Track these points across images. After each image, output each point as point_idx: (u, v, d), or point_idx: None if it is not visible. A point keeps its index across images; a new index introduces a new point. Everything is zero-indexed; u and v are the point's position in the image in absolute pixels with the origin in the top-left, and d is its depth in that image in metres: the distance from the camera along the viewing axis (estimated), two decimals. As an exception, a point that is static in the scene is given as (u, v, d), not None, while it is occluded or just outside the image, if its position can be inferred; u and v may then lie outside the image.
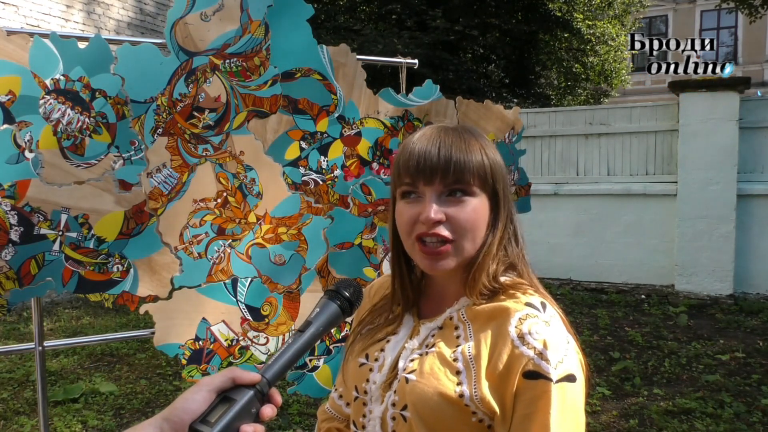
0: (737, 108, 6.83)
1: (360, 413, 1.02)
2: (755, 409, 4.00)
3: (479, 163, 0.95)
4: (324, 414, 1.21)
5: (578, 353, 0.93)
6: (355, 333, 1.11)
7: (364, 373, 1.03)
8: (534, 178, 7.51)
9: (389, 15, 13.39)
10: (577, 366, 0.90)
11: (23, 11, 7.35)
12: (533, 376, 0.87)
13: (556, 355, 0.88)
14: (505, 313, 0.93)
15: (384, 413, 0.97)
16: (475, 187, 0.95)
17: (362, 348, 1.06)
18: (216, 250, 2.01)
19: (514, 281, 0.98)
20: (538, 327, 0.90)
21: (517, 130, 2.64)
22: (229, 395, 0.79)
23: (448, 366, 0.93)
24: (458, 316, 0.98)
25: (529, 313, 0.92)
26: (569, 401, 0.88)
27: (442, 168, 0.93)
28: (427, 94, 2.31)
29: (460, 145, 0.95)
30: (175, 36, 1.90)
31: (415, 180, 0.96)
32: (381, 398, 0.98)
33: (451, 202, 0.95)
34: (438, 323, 1.00)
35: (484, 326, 0.94)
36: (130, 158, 1.88)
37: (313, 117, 2.11)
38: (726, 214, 6.87)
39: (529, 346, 0.88)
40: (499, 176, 0.98)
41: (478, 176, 0.95)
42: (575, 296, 7.25)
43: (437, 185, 0.94)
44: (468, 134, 0.98)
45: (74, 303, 7.31)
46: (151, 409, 4.13)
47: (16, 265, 1.77)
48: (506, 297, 0.96)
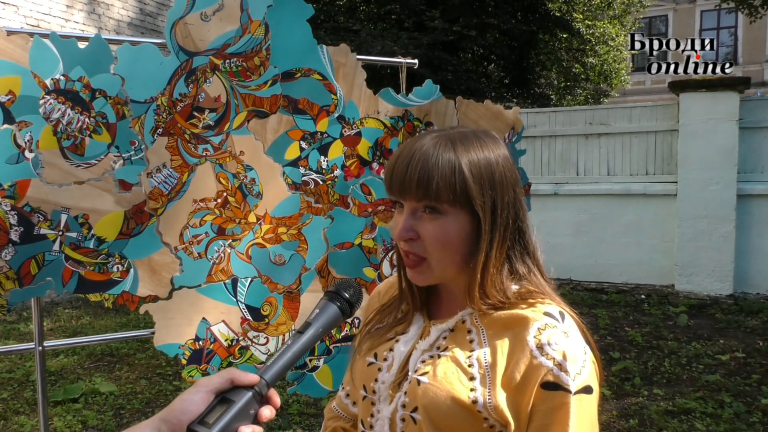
0: (737, 108, 6.83)
1: (368, 413, 1.02)
2: (755, 409, 4.00)
3: (448, 181, 0.90)
4: (330, 412, 1.20)
5: (594, 363, 0.92)
6: (363, 332, 1.10)
7: (372, 372, 1.02)
8: (534, 178, 7.52)
9: (388, 15, 13.39)
10: (593, 377, 0.90)
11: (23, 11, 7.35)
12: (552, 387, 0.87)
13: (575, 366, 0.88)
14: (524, 322, 0.92)
15: (393, 414, 0.96)
16: (446, 205, 0.91)
17: (371, 347, 1.05)
18: (216, 250, 2.01)
19: (527, 290, 0.96)
20: (558, 338, 0.89)
21: (517, 130, 2.64)
22: (227, 396, 0.79)
23: (462, 371, 0.92)
24: (471, 320, 0.97)
25: (548, 323, 0.91)
26: (586, 413, 0.87)
27: (407, 185, 0.92)
28: (427, 94, 2.30)
29: (431, 161, 0.90)
30: (175, 36, 1.90)
31: (392, 191, 0.96)
32: (390, 398, 0.98)
33: (425, 219, 0.93)
34: (449, 325, 0.98)
35: (501, 334, 0.93)
36: (130, 158, 1.88)
37: (313, 117, 2.10)
38: (726, 214, 6.87)
39: (548, 356, 0.88)
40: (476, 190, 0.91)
41: (446, 195, 0.90)
42: (575, 296, 7.25)
43: (409, 200, 0.93)
44: (450, 146, 0.92)
45: (74, 303, 7.31)
46: (151, 409, 4.13)
47: (16, 265, 1.77)
48: (525, 306, 0.94)
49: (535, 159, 7.95)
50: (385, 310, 1.09)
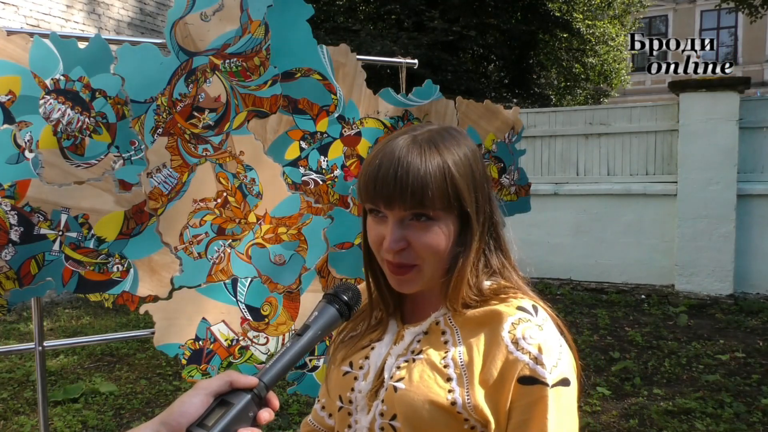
0: (737, 108, 6.83)
1: (345, 424, 0.99)
2: (755, 409, 4.00)
3: (441, 188, 0.88)
4: (306, 426, 1.16)
5: (570, 355, 0.91)
6: (337, 341, 1.07)
7: (348, 381, 0.99)
8: (534, 178, 7.51)
9: (388, 15, 13.39)
10: (570, 369, 0.89)
11: (23, 11, 7.35)
12: (529, 381, 0.86)
13: (550, 359, 0.87)
14: (497, 318, 0.91)
15: (372, 423, 0.94)
16: (438, 211, 0.89)
17: (345, 356, 1.02)
18: (216, 250, 2.01)
19: (500, 285, 0.95)
20: (532, 331, 0.88)
21: (517, 130, 2.64)
22: (226, 399, 0.79)
23: (438, 372, 0.90)
24: (445, 321, 0.96)
25: (522, 318, 0.90)
26: (565, 405, 0.87)
27: (398, 196, 0.87)
28: (427, 94, 2.31)
29: (422, 168, 0.87)
30: (175, 36, 1.90)
31: (375, 201, 0.91)
32: (367, 407, 0.95)
33: (414, 227, 0.90)
34: (423, 328, 0.97)
35: (475, 332, 0.92)
36: (130, 158, 1.88)
37: (313, 117, 2.11)
38: (726, 214, 6.87)
39: (523, 351, 0.87)
40: (466, 190, 0.90)
41: (440, 202, 0.88)
42: (575, 296, 7.25)
43: (397, 210, 0.89)
44: (434, 150, 0.89)
45: (74, 303, 7.31)
46: (151, 409, 4.13)
47: (16, 265, 1.77)
48: (497, 301, 0.93)
49: (535, 159, 7.95)
50: (358, 317, 1.05)
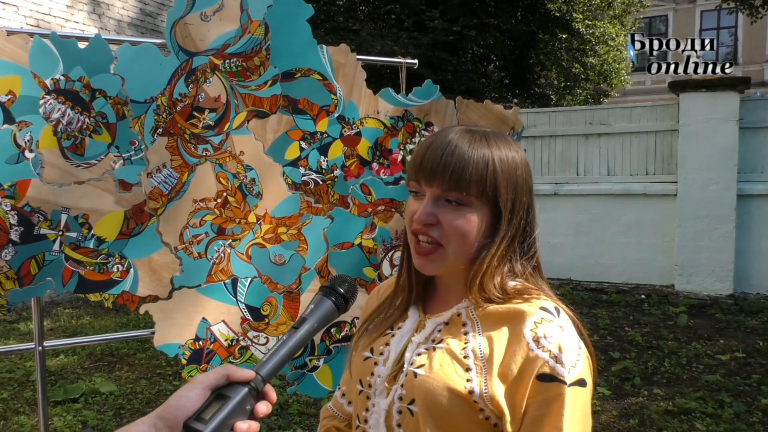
0: (737, 108, 6.83)
1: (363, 407, 1.03)
2: (755, 409, 4.00)
3: (480, 175, 0.93)
4: (326, 412, 1.22)
5: (588, 358, 0.94)
6: (361, 330, 1.12)
7: (369, 366, 1.03)
8: (534, 178, 7.44)
9: (388, 15, 13.39)
10: (587, 371, 0.92)
11: (23, 11, 7.35)
12: (548, 378, 0.88)
13: (570, 359, 0.89)
14: (520, 316, 0.94)
15: (390, 406, 0.97)
16: (473, 198, 0.94)
17: (367, 342, 1.07)
18: (216, 250, 2.01)
19: (524, 286, 0.98)
20: (553, 331, 0.91)
21: (517, 130, 2.64)
22: (223, 392, 0.79)
23: (458, 362, 0.93)
24: (467, 313, 0.99)
25: (544, 317, 0.93)
26: (580, 405, 0.89)
27: (440, 173, 0.93)
28: (427, 94, 2.30)
29: (467, 153, 0.93)
30: (175, 36, 1.90)
31: (417, 178, 0.97)
32: (386, 391, 0.99)
33: (447, 208, 0.95)
34: (444, 318, 1.00)
35: (496, 326, 0.95)
36: (130, 158, 1.88)
37: (313, 117, 2.10)
38: (726, 214, 6.87)
39: (544, 349, 0.89)
40: (504, 186, 0.95)
41: (476, 188, 0.93)
42: (575, 296, 7.25)
43: (435, 188, 0.95)
44: (484, 141, 0.95)
45: (74, 303, 7.31)
46: (151, 409, 4.12)
47: (16, 265, 1.77)
48: (520, 300, 0.96)
49: (535, 159, 7.95)
50: (381, 307, 1.11)
